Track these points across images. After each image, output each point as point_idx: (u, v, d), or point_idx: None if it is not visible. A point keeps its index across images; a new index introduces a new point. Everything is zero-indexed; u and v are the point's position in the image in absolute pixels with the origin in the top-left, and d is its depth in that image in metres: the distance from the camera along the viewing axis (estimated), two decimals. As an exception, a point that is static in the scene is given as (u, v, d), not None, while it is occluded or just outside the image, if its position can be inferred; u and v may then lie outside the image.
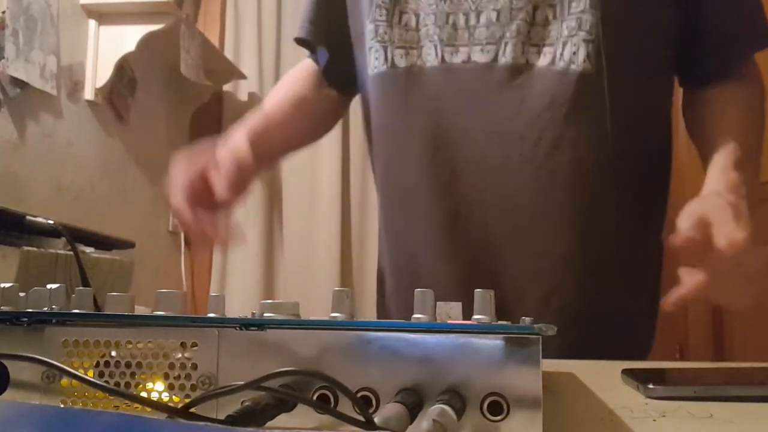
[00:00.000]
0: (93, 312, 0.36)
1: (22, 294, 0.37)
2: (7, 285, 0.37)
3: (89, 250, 1.18)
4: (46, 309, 0.36)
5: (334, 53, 0.93)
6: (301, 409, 0.31)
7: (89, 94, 1.72)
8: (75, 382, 0.32)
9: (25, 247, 1.00)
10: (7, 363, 0.34)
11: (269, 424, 0.29)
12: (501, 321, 0.33)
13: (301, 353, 0.32)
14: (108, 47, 1.75)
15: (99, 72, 1.74)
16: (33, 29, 1.48)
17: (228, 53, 2.27)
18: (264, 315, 0.34)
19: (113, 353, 0.33)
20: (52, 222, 1.04)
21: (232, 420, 0.27)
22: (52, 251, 1.05)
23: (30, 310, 0.35)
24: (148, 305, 0.40)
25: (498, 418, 0.31)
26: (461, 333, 0.32)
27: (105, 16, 1.76)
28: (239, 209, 0.86)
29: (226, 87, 2.30)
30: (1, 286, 0.37)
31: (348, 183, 2.30)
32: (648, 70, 0.80)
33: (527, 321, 0.35)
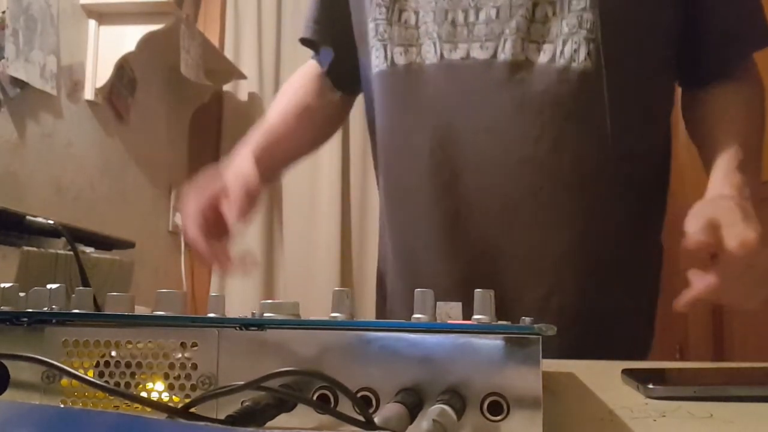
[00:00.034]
0: (93, 312, 0.36)
1: (22, 294, 0.37)
2: (7, 285, 0.37)
3: (89, 250, 1.18)
4: (46, 309, 0.36)
5: (338, 53, 0.93)
6: (301, 409, 0.31)
7: (89, 94, 1.72)
8: (75, 382, 0.32)
9: (25, 247, 1.00)
10: (7, 363, 0.34)
11: (269, 424, 0.29)
12: (501, 321, 0.33)
13: (301, 353, 0.32)
14: (108, 47, 1.75)
15: (99, 72, 1.74)
16: (33, 29, 1.48)
17: (228, 53, 2.27)
18: (264, 315, 0.34)
19: (113, 353, 0.33)
20: (52, 222, 1.04)
21: (232, 420, 0.27)
22: (52, 251, 1.04)
23: (30, 310, 0.35)
24: (148, 305, 0.40)
25: (498, 418, 0.31)
26: (461, 333, 0.32)
27: (105, 16, 1.76)
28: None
29: (226, 87, 2.30)
30: (1, 286, 0.37)
31: (348, 183, 2.30)
32: (648, 69, 0.80)
33: (527, 321, 0.35)
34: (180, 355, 0.33)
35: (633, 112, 0.79)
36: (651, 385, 0.45)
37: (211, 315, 0.35)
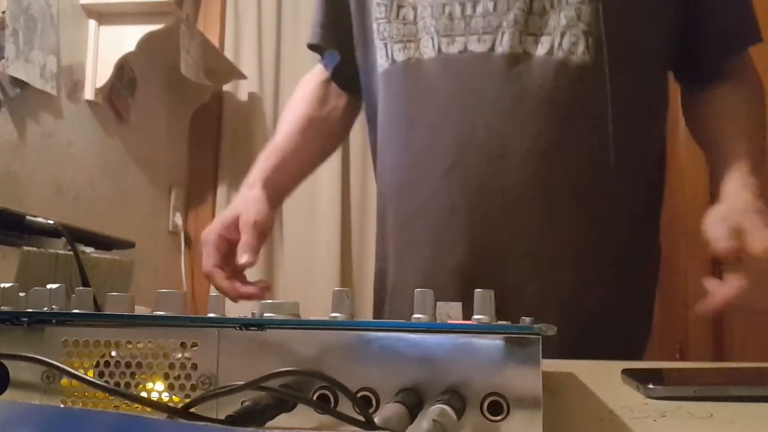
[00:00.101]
0: (93, 312, 0.36)
1: (22, 294, 0.37)
2: (7, 285, 0.37)
3: (89, 250, 1.18)
4: (46, 309, 0.36)
5: (344, 55, 0.94)
6: (301, 409, 0.31)
7: (89, 94, 1.72)
8: (75, 382, 0.32)
9: (25, 247, 1.00)
10: (7, 363, 0.34)
11: (269, 424, 0.29)
12: (501, 321, 0.33)
13: (301, 353, 0.32)
14: (108, 47, 1.75)
15: (99, 72, 1.73)
16: (33, 29, 1.48)
17: (228, 53, 2.27)
18: (264, 315, 0.34)
19: (113, 353, 0.33)
20: (52, 222, 1.04)
21: (232, 420, 0.27)
22: (52, 251, 1.04)
23: (30, 310, 0.35)
24: (148, 305, 0.40)
25: (498, 418, 0.31)
26: (461, 333, 0.32)
27: (105, 16, 1.76)
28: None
29: (226, 87, 2.30)
30: (1, 286, 0.37)
31: (348, 183, 2.29)
32: (647, 65, 0.80)
33: (527, 321, 0.35)
34: (180, 355, 0.33)
35: (632, 107, 0.79)
36: (651, 385, 0.45)
37: (211, 315, 0.35)
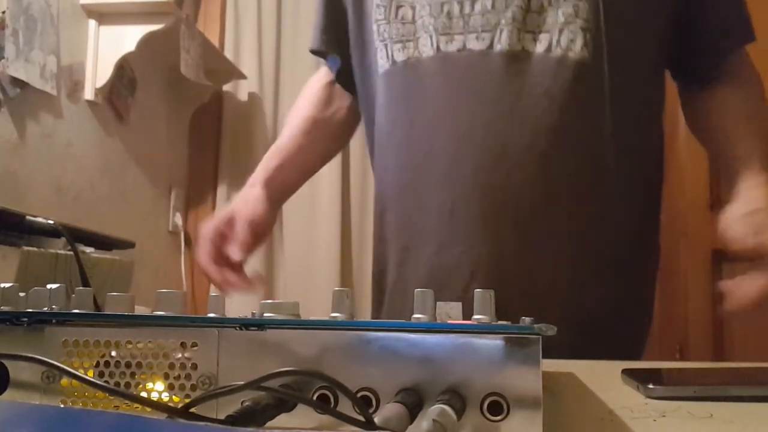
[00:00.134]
0: (93, 312, 0.36)
1: (22, 294, 0.37)
2: (7, 285, 0.37)
3: (89, 250, 1.18)
4: (46, 309, 0.36)
5: (346, 58, 0.94)
6: (301, 409, 0.31)
7: (89, 94, 1.72)
8: (75, 382, 0.32)
9: (25, 247, 1.00)
10: (7, 363, 0.34)
11: (269, 424, 0.29)
12: (501, 321, 0.33)
13: (301, 353, 0.32)
14: (108, 47, 1.75)
15: (99, 72, 1.73)
16: (33, 29, 1.48)
17: (228, 53, 2.27)
18: (264, 315, 0.34)
19: (113, 353, 0.33)
20: (52, 222, 1.04)
21: (232, 420, 0.27)
22: (52, 251, 1.04)
23: (30, 310, 0.35)
24: (148, 305, 0.40)
25: (498, 418, 0.31)
26: (461, 333, 0.32)
27: (105, 16, 1.76)
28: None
29: (226, 87, 2.30)
30: (1, 286, 0.37)
31: (348, 183, 2.29)
32: (645, 63, 0.81)
33: (527, 321, 0.35)
34: (180, 355, 0.33)
35: (631, 104, 0.79)
36: (651, 385, 0.45)
37: (211, 315, 0.35)
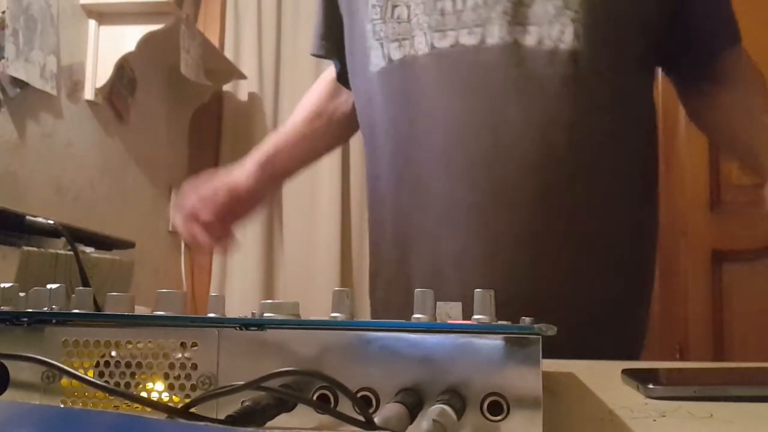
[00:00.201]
0: (93, 312, 0.36)
1: (22, 294, 0.37)
2: (7, 285, 0.37)
3: (89, 250, 1.18)
4: (46, 309, 0.36)
5: (344, 62, 0.95)
6: (301, 409, 0.31)
7: (89, 94, 1.72)
8: (75, 382, 0.32)
9: (25, 247, 1.00)
10: (7, 363, 0.33)
11: (269, 424, 0.29)
12: (501, 320, 0.33)
13: (301, 353, 0.32)
14: (108, 47, 1.75)
15: (99, 72, 1.74)
16: (33, 29, 1.48)
17: (228, 53, 2.27)
18: (264, 315, 0.34)
19: (113, 353, 0.33)
20: (52, 222, 1.04)
21: (232, 420, 0.27)
22: (52, 251, 1.04)
23: (30, 310, 0.35)
24: (148, 305, 0.40)
25: (498, 418, 0.31)
26: (461, 333, 0.32)
27: (105, 16, 1.76)
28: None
29: (226, 87, 2.30)
30: (1, 286, 0.37)
31: (348, 183, 2.29)
32: (637, 56, 0.81)
33: (527, 321, 0.35)
34: (180, 355, 0.33)
35: (625, 98, 0.79)
36: (651, 385, 0.45)
37: (211, 315, 0.35)
